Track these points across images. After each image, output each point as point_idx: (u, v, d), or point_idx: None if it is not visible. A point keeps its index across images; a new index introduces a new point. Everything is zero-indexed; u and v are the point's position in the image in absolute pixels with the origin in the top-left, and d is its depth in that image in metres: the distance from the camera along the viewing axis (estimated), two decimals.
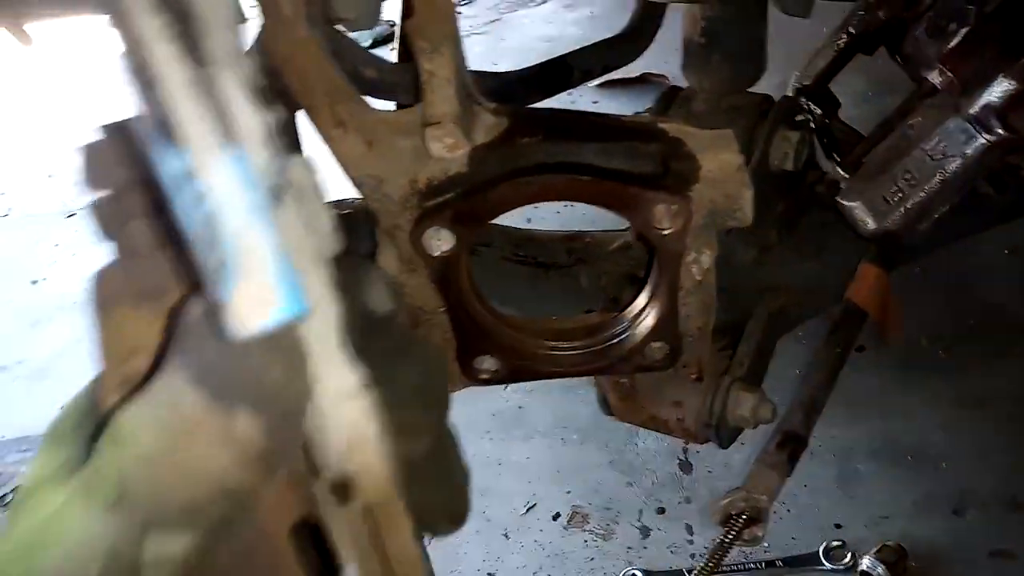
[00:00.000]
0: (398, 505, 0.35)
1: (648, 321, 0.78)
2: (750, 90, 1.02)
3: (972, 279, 1.82)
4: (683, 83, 1.02)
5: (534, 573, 1.45)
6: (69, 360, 2.06)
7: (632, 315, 0.79)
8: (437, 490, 0.44)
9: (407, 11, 0.69)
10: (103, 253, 0.36)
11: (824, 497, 1.49)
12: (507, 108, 0.74)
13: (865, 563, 1.33)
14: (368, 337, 0.34)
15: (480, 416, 1.78)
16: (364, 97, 0.74)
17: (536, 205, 0.75)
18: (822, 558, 1.37)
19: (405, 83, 0.90)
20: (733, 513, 0.88)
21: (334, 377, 0.32)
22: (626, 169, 0.69)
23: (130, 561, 0.30)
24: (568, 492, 1.59)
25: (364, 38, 2.80)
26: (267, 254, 0.28)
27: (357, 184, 0.76)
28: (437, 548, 1.51)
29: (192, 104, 0.27)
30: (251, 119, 0.29)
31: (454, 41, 0.70)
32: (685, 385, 0.94)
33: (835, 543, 1.38)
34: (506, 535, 1.53)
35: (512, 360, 0.84)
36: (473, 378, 0.86)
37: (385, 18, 2.04)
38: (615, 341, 0.81)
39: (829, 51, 1.04)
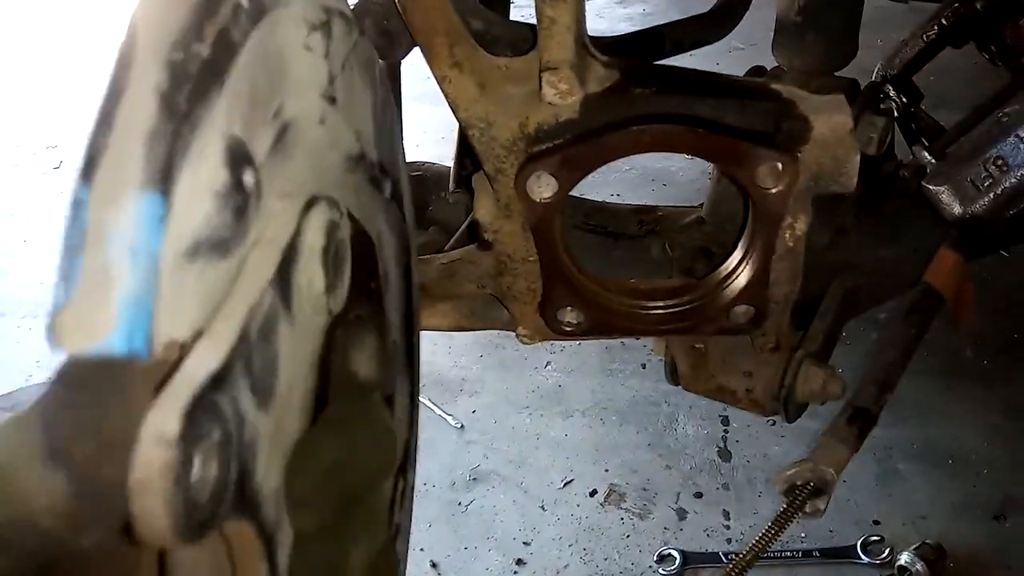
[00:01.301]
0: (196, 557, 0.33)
1: (739, 282, 0.80)
2: (837, 74, 1.03)
3: (1018, 291, 1.82)
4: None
5: (570, 545, 1.46)
6: None
7: (722, 276, 0.81)
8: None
9: None
10: None
11: (863, 494, 1.49)
12: (619, 61, 0.75)
13: (904, 558, 1.33)
14: (340, 394, 0.35)
15: (520, 391, 1.80)
16: None
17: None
18: (859, 551, 1.38)
19: (508, 37, 0.91)
20: (799, 483, 0.89)
21: (160, 422, 0.29)
22: (738, 125, 0.71)
23: None
24: (606, 470, 1.60)
25: None
26: (120, 288, 0.27)
27: (466, 125, 0.77)
28: (472, 515, 1.53)
29: (137, 149, 0.28)
30: (216, 181, 0.30)
31: None
32: (757, 356, 0.95)
33: (873, 538, 1.39)
34: (543, 507, 1.54)
35: (595, 314, 0.86)
36: (555, 329, 0.87)
37: None
38: (702, 301, 0.82)
39: (917, 42, 1.05)
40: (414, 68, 0.94)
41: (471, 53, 0.75)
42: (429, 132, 2.34)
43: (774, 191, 0.73)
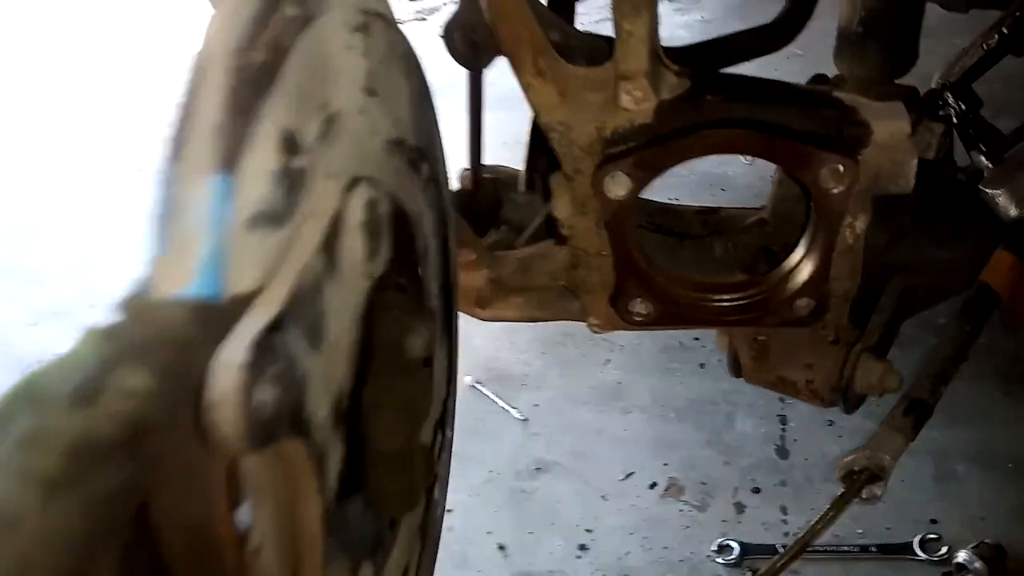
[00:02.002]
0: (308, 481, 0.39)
1: (801, 276, 0.85)
2: (897, 81, 1.08)
3: None
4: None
5: (631, 534, 1.52)
6: None
7: (786, 270, 0.86)
8: (395, 480, 0.49)
9: None
10: None
11: (921, 494, 1.52)
12: (690, 70, 0.82)
13: (962, 556, 1.35)
14: (386, 367, 0.40)
15: (580, 387, 1.86)
16: None
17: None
18: (916, 548, 1.40)
19: (582, 47, 0.98)
20: (856, 469, 0.94)
21: (229, 350, 0.36)
22: (803, 129, 0.77)
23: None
24: (665, 464, 1.65)
25: None
26: (199, 247, 0.34)
27: (547, 129, 0.85)
28: (536, 502, 1.60)
29: (208, 139, 0.35)
30: (268, 164, 0.36)
31: (652, 7, 0.79)
32: (817, 349, 1.00)
33: (930, 536, 1.41)
34: (604, 497, 1.60)
35: (664, 306, 0.92)
36: (626, 320, 0.94)
37: None
38: (766, 295, 0.88)
39: (977, 50, 1.09)
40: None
41: (553, 63, 0.83)
42: (491, 137, 2.42)
43: (835, 191, 0.78)
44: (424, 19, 4.41)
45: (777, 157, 0.79)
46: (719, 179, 2.38)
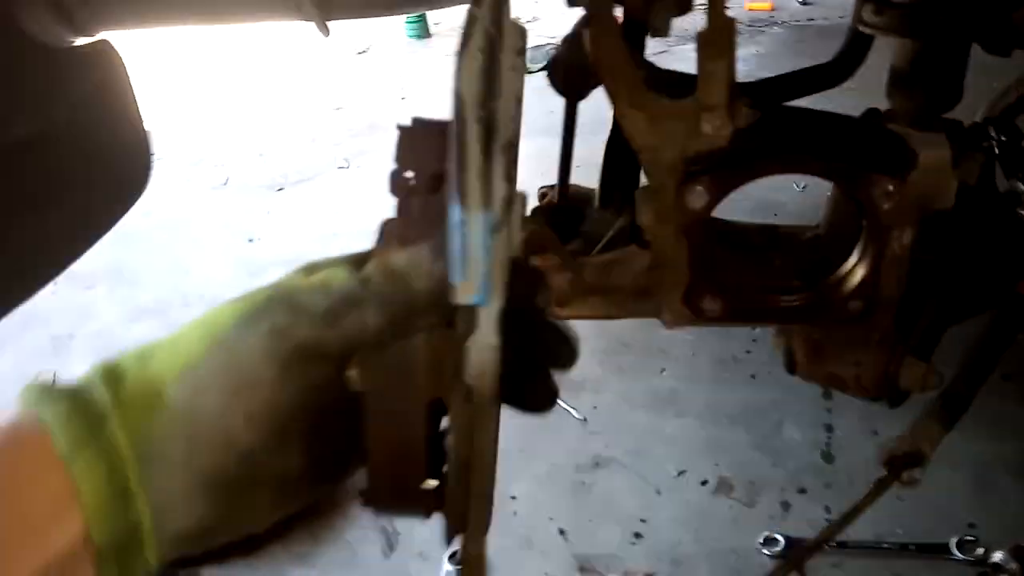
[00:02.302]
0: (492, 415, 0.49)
1: (854, 279, 0.99)
2: (944, 116, 1.21)
3: None
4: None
5: (682, 525, 1.65)
6: None
7: (841, 274, 1.00)
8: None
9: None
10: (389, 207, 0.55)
11: (960, 500, 1.62)
12: (760, 103, 0.97)
13: (998, 556, 1.45)
14: (521, 320, 0.49)
15: (637, 392, 2.00)
16: None
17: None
18: (953, 549, 1.50)
19: (663, 81, 1.14)
20: (897, 454, 1.07)
21: (484, 334, 0.47)
22: (857, 154, 0.91)
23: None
24: (716, 464, 1.78)
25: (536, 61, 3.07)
26: (480, 270, 0.47)
27: (639, 150, 1.00)
28: (595, 494, 1.74)
29: (477, 183, 0.46)
30: (500, 192, 0.48)
31: (731, 51, 0.94)
32: (866, 348, 1.13)
33: (968, 537, 1.51)
34: (658, 492, 1.73)
35: (733, 304, 1.06)
36: (698, 315, 1.08)
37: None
38: (822, 296, 1.02)
39: (1019, 89, 1.22)
40: (540, 102, 1.15)
41: (644, 96, 0.98)
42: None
43: (886, 207, 0.92)
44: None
45: (835, 177, 0.93)
46: (773, 205, 2.51)
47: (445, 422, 0.47)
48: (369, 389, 0.45)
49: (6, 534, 0.38)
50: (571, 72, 1.13)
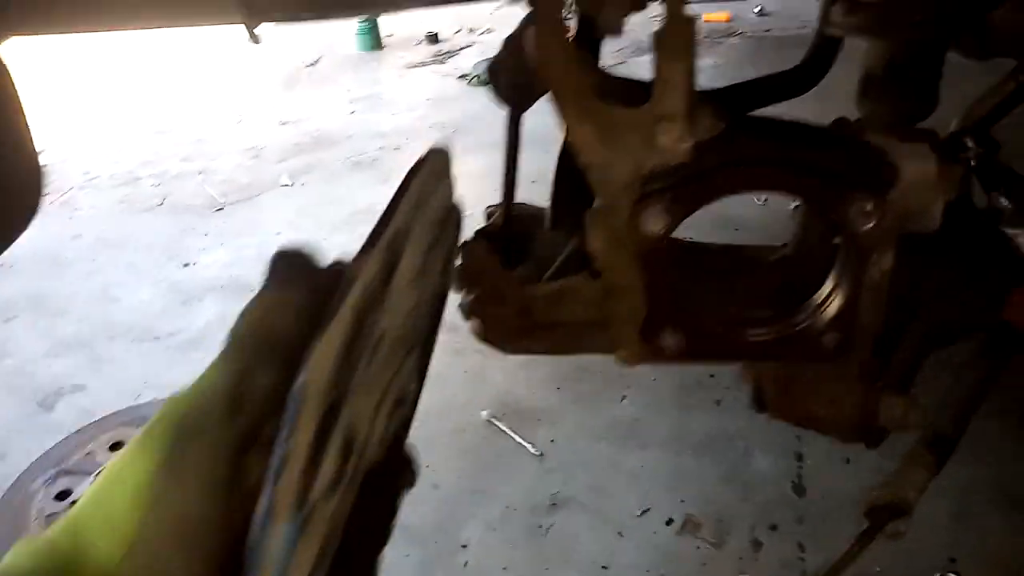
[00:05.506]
0: None
1: (829, 311, 0.87)
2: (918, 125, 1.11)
3: None
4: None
5: (647, 571, 1.52)
6: (217, 333, 2.25)
7: (814, 305, 0.89)
8: None
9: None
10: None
11: (939, 531, 1.52)
12: (724, 112, 0.85)
13: None
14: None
15: (597, 423, 1.88)
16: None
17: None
18: None
19: (617, 92, 1.02)
20: (879, 505, 0.95)
21: None
22: (833, 169, 0.80)
23: None
24: (682, 501, 1.66)
25: None
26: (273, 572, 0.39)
27: (586, 167, 0.88)
28: (552, 538, 1.60)
29: (293, 488, 0.39)
30: (328, 474, 0.41)
31: (691, 53, 0.82)
32: (842, 385, 1.02)
33: (950, 573, 1.41)
34: (620, 533, 1.60)
35: (693, 339, 0.94)
36: (655, 352, 0.96)
37: None
38: (794, 329, 0.90)
39: (995, 96, 1.13)
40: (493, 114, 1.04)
41: (594, 105, 0.86)
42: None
43: (863, 230, 0.81)
44: (442, 62, 4.51)
45: (807, 194, 0.82)
46: (734, 220, 2.42)
47: None
48: None
49: None
50: (514, 78, 1.01)
